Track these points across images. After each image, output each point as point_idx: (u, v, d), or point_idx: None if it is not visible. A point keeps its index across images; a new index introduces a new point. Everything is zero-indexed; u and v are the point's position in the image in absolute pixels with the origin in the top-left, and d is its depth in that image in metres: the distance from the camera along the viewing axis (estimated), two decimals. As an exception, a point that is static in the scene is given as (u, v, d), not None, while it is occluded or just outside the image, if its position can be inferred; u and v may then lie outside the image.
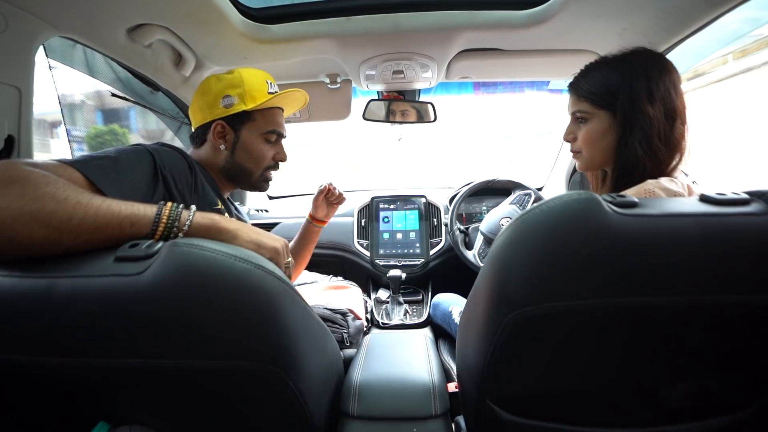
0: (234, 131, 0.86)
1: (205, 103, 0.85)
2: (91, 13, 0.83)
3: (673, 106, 0.68)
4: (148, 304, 0.39)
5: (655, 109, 0.67)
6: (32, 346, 0.42)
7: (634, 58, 0.71)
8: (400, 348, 0.89)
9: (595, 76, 0.74)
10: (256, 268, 0.43)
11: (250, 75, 0.87)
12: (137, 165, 0.65)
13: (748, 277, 0.42)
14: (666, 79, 0.68)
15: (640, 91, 0.68)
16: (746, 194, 0.45)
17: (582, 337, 0.47)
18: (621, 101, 0.69)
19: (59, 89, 1.10)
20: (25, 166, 0.46)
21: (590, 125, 0.74)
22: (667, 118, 0.68)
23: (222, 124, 0.85)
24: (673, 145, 0.68)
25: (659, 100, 0.67)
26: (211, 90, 0.85)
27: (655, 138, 0.67)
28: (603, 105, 0.72)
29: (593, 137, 0.74)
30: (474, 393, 0.54)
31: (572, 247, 0.42)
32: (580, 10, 0.91)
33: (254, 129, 0.88)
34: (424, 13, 0.99)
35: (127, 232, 0.48)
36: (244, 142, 0.87)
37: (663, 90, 0.68)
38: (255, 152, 0.88)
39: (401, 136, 1.56)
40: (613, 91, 0.70)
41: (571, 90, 0.78)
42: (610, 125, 0.72)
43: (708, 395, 0.51)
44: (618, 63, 0.72)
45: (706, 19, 0.88)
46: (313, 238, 1.20)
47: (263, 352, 0.43)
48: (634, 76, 0.69)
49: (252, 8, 1.00)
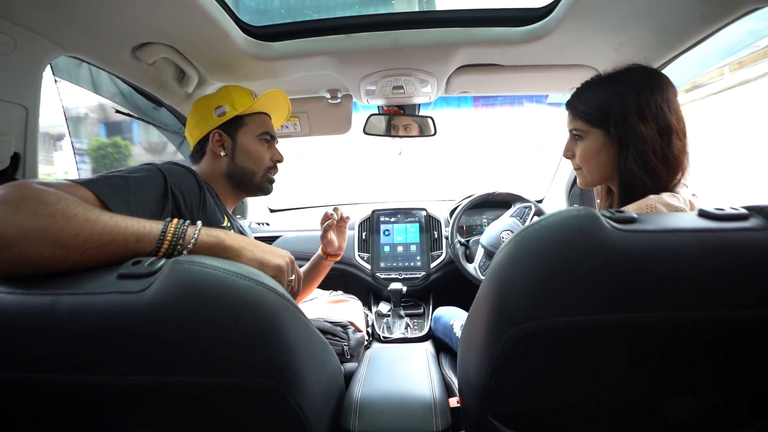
0: (231, 137, 0.93)
1: (200, 118, 0.93)
2: (97, 32, 0.85)
3: (667, 123, 0.68)
4: (150, 321, 0.39)
5: (647, 126, 0.67)
6: (33, 363, 0.42)
7: (626, 76, 0.72)
8: (401, 363, 0.89)
9: (588, 94, 0.75)
10: (258, 285, 0.43)
11: (236, 89, 0.97)
12: (147, 183, 0.66)
13: (747, 292, 0.42)
14: (658, 95, 0.69)
15: (631, 109, 0.68)
16: (745, 209, 0.45)
17: (583, 352, 0.46)
18: (613, 119, 0.69)
19: (64, 104, 1.12)
20: (37, 185, 0.47)
21: (585, 143, 0.75)
22: (662, 135, 0.68)
23: (219, 132, 0.91)
24: (672, 162, 0.68)
25: (651, 118, 0.67)
26: (203, 106, 0.94)
27: (650, 155, 0.67)
28: (596, 123, 0.73)
29: (589, 155, 0.75)
30: (475, 408, 0.54)
31: (572, 264, 0.42)
32: (577, 26, 0.93)
33: (249, 132, 0.95)
34: (424, 30, 1.00)
35: (132, 249, 0.48)
36: (241, 145, 0.93)
37: (654, 107, 0.68)
38: (254, 153, 0.95)
39: (402, 150, 1.58)
40: (605, 110, 0.71)
41: (567, 108, 0.79)
42: (605, 143, 0.72)
43: (711, 411, 0.50)
44: (610, 81, 0.73)
45: (702, 34, 0.89)
46: (323, 272, 1.21)
47: (264, 369, 0.43)
48: (624, 94, 0.69)
49: (254, 26, 1.02)
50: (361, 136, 1.47)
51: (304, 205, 2.11)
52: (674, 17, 0.87)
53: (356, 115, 1.53)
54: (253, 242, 0.61)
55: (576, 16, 0.88)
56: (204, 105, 0.94)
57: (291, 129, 1.54)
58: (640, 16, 0.89)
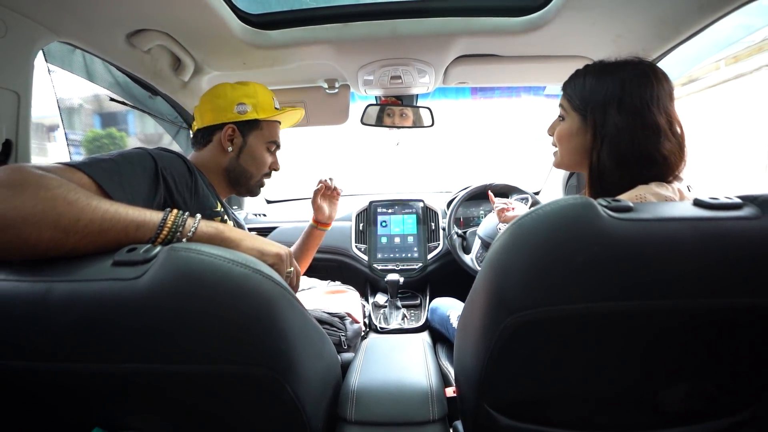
0: (243, 136, 0.93)
1: (217, 105, 0.91)
2: (90, 18, 0.83)
3: (653, 121, 0.64)
4: (145, 308, 0.39)
5: (626, 121, 0.65)
6: (28, 351, 0.41)
7: (618, 69, 0.69)
8: (397, 353, 0.89)
9: (579, 79, 0.74)
10: (254, 273, 0.43)
11: (261, 90, 0.96)
12: (139, 167, 0.66)
13: (741, 280, 0.42)
14: (645, 92, 0.65)
15: (612, 102, 0.66)
16: (739, 198, 0.45)
17: (579, 341, 0.47)
18: (591, 108, 0.69)
19: (58, 93, 1.10)
20: (35, 169, 0.47)
21: (564, 124, 0.75)
22: (646, 132, 0.64)
23: (233, 127, 0.91)
24: (661, 161, 0.65)
25: (632, 114, 0.65)
26: (226, 95, 0.92)
27: (627, 151, 0.65)
28: (576, 108, 0.72)
29: (563, 135, 0.75)
30: (472, 397, 0.55)
31: (568, 252, 0.42)
32: (576, 17, 0.92)
33: (260, 137, 0.95)
34: (422, 19, 1.00)
35: (132, 236, 0.49)
36: (251, 147, 0.94)
37: (639, 103, 0.65)
38: (258, 158, 0.95)
39: (399, 140, 1.57)
40: (587, 97, 0.70)
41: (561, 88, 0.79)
42: (579, 129, 0.71)
43: (705, 398, 0.51)
44: (602, 71, 0.70)
45: (699, 26, 0.89)
46: (315, 242, 1.23)
47: (261, 357, 0.43)
48: (610, 86, 0.67)
49: (251, 14, 1.01)
50: (359, 127, 1.46)
51: (300, 197, 2.11)
52: (672, 8, 0.87)
53: (353, 105, 1.52)
54: (250, 235, 0.62)
55: (574, 6, 0.88)
56: (227, 95, 0.92)
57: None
58: (638, 8, 0.88)
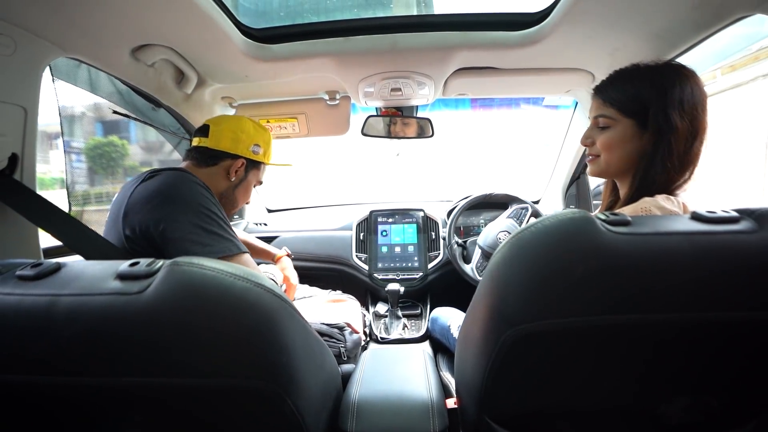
0: (245, 171, 1.03)
1: (239, 138, 1.00)
2: (97, 34, 0.85)
3: (698, 123, 0.67)
4: (148, 323, 0.39)
5: (683, 123, 0.66)
6: (31, 364, 0.42)
7: (669, 71, 0.69)
8: (398, 364, 0.89)
9: (627, 83, 0.72)
10: (256, 287, 0.43)
11: (270, 139, 1.09)
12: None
13: (739, 294, 0.42)
14: (698, 94, 0.67)
15: (674, 103, 0.66)
16: (736, 212, 0.46)
17: (579, 354, 0.47)
18: (654, 113, 0.67)
19: (61, 104, 1.11)
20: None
21: (612, 132, 0.72)
22: (691, 134, 0.66)
23: (244, 162, 1.01)
24: (687, 163, 0.67)
25: (688, 116, 0.66)
26: (249, 133, 1.02)
27: (675, 153, 0.66)
28: (629, 113, 0.70)
29: (613, 143, 0.72)
30: (473, 410, 0.54)
31: (567, 266, 0.43)
32: (572, 31, 0.94)
33: (255, 176, 1.08)
34: (422, 33, 1.01)
35: None
36: (247, 182, 1.05)
37: (692, 105, 0.66)
38: (248, 193, 1.08)
39: (399, 151, 1.58)
40: (643, 102, 0.69)
41: (596, 93, 0.76)
42: (634, 134, 0.70)
43: (706, 411, 0.51)
44: (651, 73, 0.70)
45: (694, 40, 0.90)
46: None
47: (261, 370, 0.43)
48: (668, 87, 0.67)
49: (253, 29, 1.03)
50: (360, 138, 1.48)
51: (301, 206, 2.12)
52: (667, 24, 0.89)
53: (354, 116, 1.53)
54: None
55: (571, 21, 0.89)
56: (250, 132, 1.01)
57: (289, 130, 1.54)
58: (633, 23, 0.90)
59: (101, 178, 1.96)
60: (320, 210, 2.04)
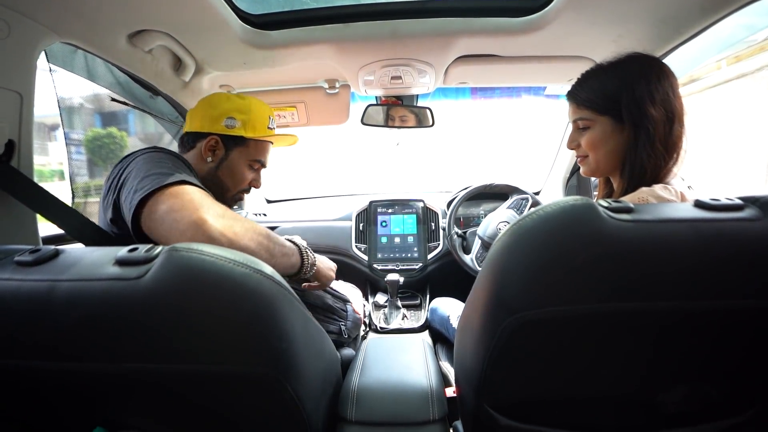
0: (225, 149, 0.91)
1: (208, 114, 0.90)
2: (93, 19, 0.83)
3: (672, 108, 0.69)
4: (147, 308, 0.39)
5: (657, 111, 0.68)
6: (31, 350, 0.42)
7: (631, 64, 0.72)
8: (398, 353, 0.89)
9: (593, 83, 0.74)
10: (255, 273, 0.43)
11: (257, 107, 0.94)
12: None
13: (742, 282, 0.42)
14: (664, 81, 0.69)
15: (643, 95, 0.68)
16: (740, 200, 0.45)
17: (579, 341, 0.47)
18: (626, 106, 0.69)
19: (59, 92, 1.10)
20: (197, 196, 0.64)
21: (592, 132, 0.75)
22: (668, 120, 0.68)
23: (216, 139, 0.90)
24: (671, 147, 0.69)
25: (660, 103, 0.68)
26: (218, 106, 0.90)
27: (657, 140, 0.68)
28: (603, 111, 0.72)
29: (597, 142, 0.75)
30: (472, 398, 0.55)
31: (569, 253, 0.42)
32: (576, 17, 0.92)
33: (244, 154, 0.94)
34: (422, 19, 1.00)
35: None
36: (231, 162, 0.92)
37: (662, 92, 0.69)
38: (237, 174, 0.94)
39: (399, 140, 1.57)
40: (614, 97, 0.71)
41: (569, 98, 0.79)
42: (613, 130, 0.72)
43: (705, 400, 0.51)
44: (615, 69, 0.73)
45: (701, 26, 0.89)
46: None
47: (261, 357, 0.43)
48: (634, 80, 0.69)
49: (251, 14, 1.01)
50: (359, 127, 1.47)
51: (301, 196, 2.11)
52: (673, 9, 0.87)
53: (354, 105, 1.52)
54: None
55: (574, 6, 0.88)
56: (220, 104, 0.90)
57: (288, 119, 1.53)
58: (638, 8, 0.88)
59: (101, 170, 1.96)
60: (320, 200, 2.03)
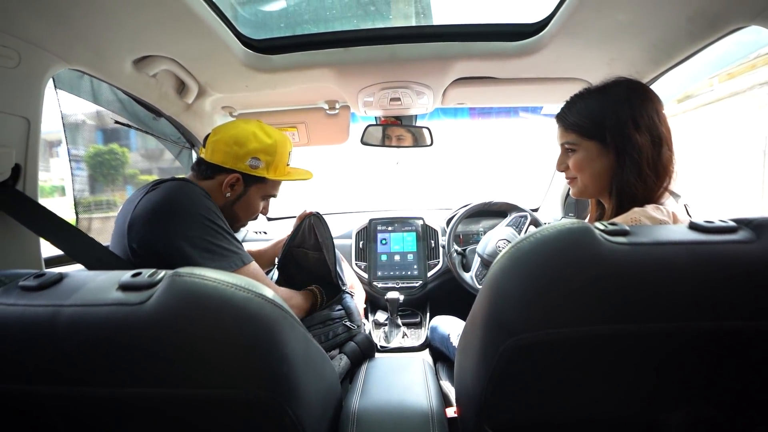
0: (245, 187, 0.93)
1: (233, 152, 0.90)
2: (100, 46, 0.86)
3: (658, 133, 0.70)
4: (150, 333, 0.40)
5: (642, 136, 0.69)
6: (34, 375, 0.42)
7: (616, 89, 0.73)
8: (398, 374, 0.89)
9: (580, 107, 0.76)
10: (256, 297, 0.43)
11: (282, 148, 0.95)
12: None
13: (738, 303, 0.43)
14: (648, 106, 0.70)
15: (627, 120, 0.69)
16: (733, 222, 0.46)
17: (579, 364, 0.47)
18: (610, 130, 0.71)
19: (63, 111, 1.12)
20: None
21: (578, 155, 0.76)
22: (654, 144, 0.69)
23: (239, 177, 0.91)
24: (661, 171, 0.70)
25: (645, 128, 0.69)
26: (245, 145, 0.90)
27: (644, 165, 0.69)
28: (589, 136, 0.74)
29: (583, 165, 0.76)
30: (473, 419, 0.54)
31: (566, 276, 0.43)
32: (570, 41, 0.95)
33: (261, 190, 0.96)
34: (421, 44, 1.02)
35: None
36: (249, 198, 0.95)
37: (647, 117, 0.70)
38: (252, 208, 0.97)
39: (399, 160, 1.59)
40: (599, 121, 0.72)
41: (558, 121, 0.80)
42: (599, 154, 0.73)
43: (707, 421, 0.51)
44: (600, 94, 0.74)
45: (690, 51, 0.91)
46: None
47: (262, 381, 0.43)
48: (617, 105, 0.70)
49: (253, 39, 1.04)
50: (359, 147, 1.49)
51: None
52: (663, 34, 0.90)
53: (354, 125, 1.54)
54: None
55: (568, 31, 0.91)
56: (247, 143, 0.90)
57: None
58: (629, 33, 0.91)
59: (102, 186, 1.97)
60: None
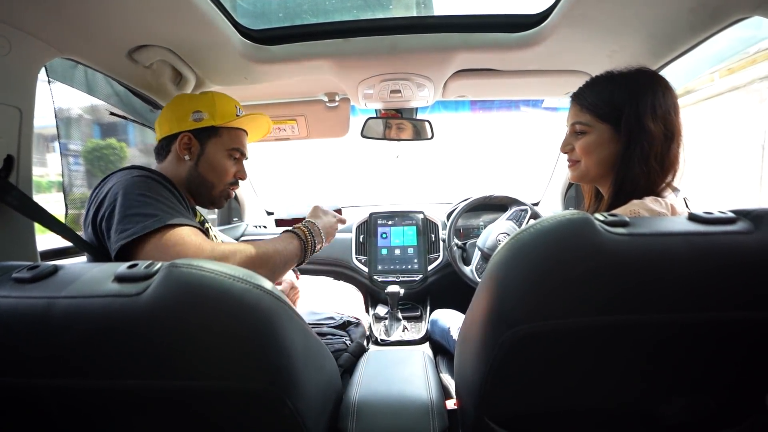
0: (200, 144, 0.90)
1: (174, 116, 0.90)
2: (93, 35, 0.84)
3: (672, 126, 0.70)
4: (146, 325, 0.39)
5: (657, 127, 0.68)
6: (30, 368, 0.41)
7: (641, 76, 0.72)
8: (398, 366, 0.89)
9: (601, 89, 0.75)
10: (255, 288, 0.43)
11: (221, 98, 0.93)
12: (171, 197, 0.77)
13: (735, 294, 0.43)
14: (669, 100, 0.70)
15: (646, 109, 0.69)
16: (732, 213, 0.46)
17: (578, 354, 0.47)
18: (627, 117, 0.70)
19: (57, 105, 1.11)
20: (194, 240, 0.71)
21: (589, 137, 0.75)
22: (666, 138, 0.69)
23: (189, 135, 0.89)
24: (667, 165, 0.70)
25: (661, 120, 0.69)
26: (182, 105, 0.91)
27: (652, 156, 0.68)
28: (605, 119, 0.73)
29: (591, 148, 0.75)
30: (472, 410, 0.54)
31: (566, 267, 0.43)
32: (571, 33, 0.94)
33: (219, 144, 0.92)
34: (421, 35, 1.01)
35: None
36: (209, 154, 0.91)
37: (665, 109, 0.69)
38: (218, 166, 0.92)
39: (399, 153, 1.58)
40: (618, 107, 0.71)
41: (575, 99, 0.79)
42: (610, 139, 0.73)
43: (703, 410, 0.51)
44: (624, 78, 0.73)
45: (692, 43, 0.90)
46: None
47: (261, 373, 0.43)
48: (641, 93, 0.70)
49: (252, 30, 1.03)
50: (359, 140, 1.48)
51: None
52: (664, 27, 0.89)
53: (354, 118, 1.54)
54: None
55: (569, 23, 0.90)
56: (183, 104, 0.91)
57: (289, 132, 1.54)
58: (631, 25, 0.90)
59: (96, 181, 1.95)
60: None
